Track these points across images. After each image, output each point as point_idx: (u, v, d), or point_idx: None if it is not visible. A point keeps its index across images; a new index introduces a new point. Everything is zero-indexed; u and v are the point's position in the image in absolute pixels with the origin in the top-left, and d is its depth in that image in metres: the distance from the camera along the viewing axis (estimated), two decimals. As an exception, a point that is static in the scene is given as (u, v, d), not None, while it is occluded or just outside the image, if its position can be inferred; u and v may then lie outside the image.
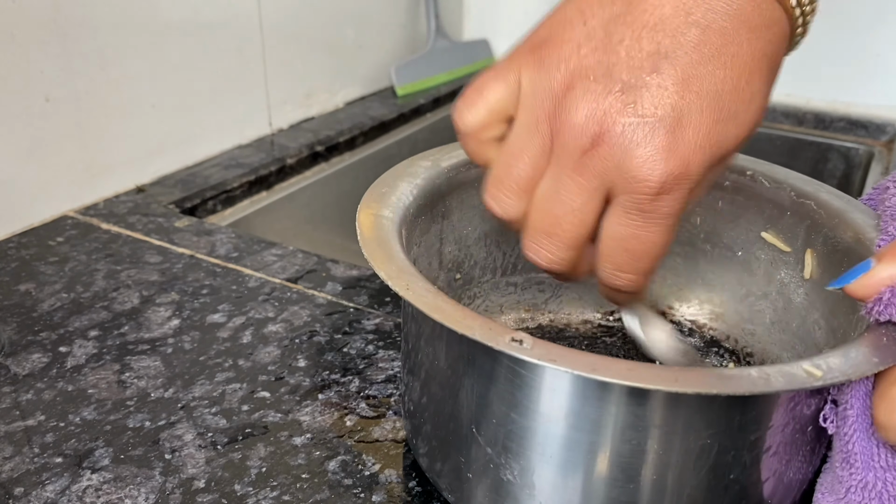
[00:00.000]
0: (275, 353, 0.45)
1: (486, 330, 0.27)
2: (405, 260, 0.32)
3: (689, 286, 0.43)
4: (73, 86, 0.60)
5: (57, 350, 0.45)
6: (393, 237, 0.35)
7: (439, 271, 0.43)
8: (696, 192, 0.29)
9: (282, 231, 0.73)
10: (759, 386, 0.24)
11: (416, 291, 0.30)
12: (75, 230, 0.59)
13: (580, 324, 0.46)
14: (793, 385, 0.25)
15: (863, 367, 0.25)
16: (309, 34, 0.82)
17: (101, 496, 0.35)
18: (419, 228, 0.40)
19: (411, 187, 0.39)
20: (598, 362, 0.25)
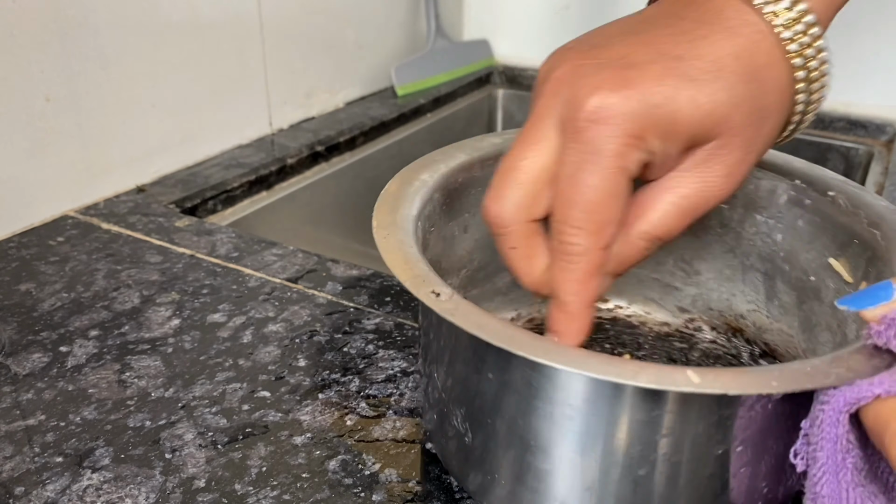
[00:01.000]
0: (275, 353, 0.45)
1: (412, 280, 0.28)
2: (413, 246, 0.32)
3: (767, 305, 0.42)
4: (73, 86, 0.60)
5: (57, 350, 0.45)
6: (413, 200, 0.35)
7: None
8: (647, 152, 0.29)
9: (282, 231, 0.73)
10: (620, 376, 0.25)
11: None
12: (76, 230, 0.59)
13: (656, 325, 0.46)
14: (665, 385, 0.25)
15: (751, 386, 0.25)
16: (309, 34, 0.82)
17: (101, 496, 0.35)
18: (474, 197, 0.40)
19: (469, 158, 0.40)
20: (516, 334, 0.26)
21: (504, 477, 0.31)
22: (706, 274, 0.44)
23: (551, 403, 0.28)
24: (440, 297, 0.29)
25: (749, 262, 0.42)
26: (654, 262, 0.45)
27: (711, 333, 0.44)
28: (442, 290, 0.29)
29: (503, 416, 0.30)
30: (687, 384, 0.25)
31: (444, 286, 0.30)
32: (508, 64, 1.08)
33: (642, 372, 0.25)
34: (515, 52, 1.09)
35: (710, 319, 0.45)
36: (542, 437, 0.29)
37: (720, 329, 0.44)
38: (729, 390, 0.25)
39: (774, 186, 0.40)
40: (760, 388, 0.25)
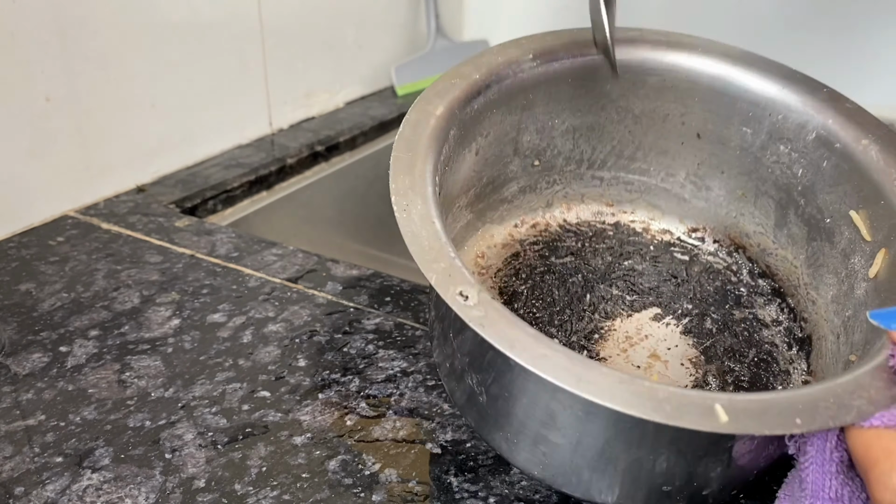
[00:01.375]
0: (275, 353, 0.45)
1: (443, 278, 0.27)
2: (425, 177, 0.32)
3: (775, 231, 0.41)
4: (73, 86, 0.60)
5: (57, 350, 0.45)
6: (430, 148, 0.34)
7: (513, 157, 0.42)
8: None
9: (282, 231, 0.73)
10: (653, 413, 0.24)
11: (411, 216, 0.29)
12: (75, 230, 0.59)
13: (659, 232, 0.45)
14: (691, 424, 0.24)
15: (777, 426, 0.25)
16: (309, 34, 0.82)
17: (101, 495, 0.35)
18: (488, 121, 0.39)
19: (484, 79, 0.38)
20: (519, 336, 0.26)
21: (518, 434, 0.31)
22: (717, 191, 0.43)
23: (571, 423, 0.28)
24: (467, 300, 0.28)
25: (764, 188, 0.41)
26: (665, 173, 0.44)
27: (713, 245, 0.44)
28: (469, 291, 0.28)
29: (521, 401, 0.30)
30: (713, 424, 0.24)
31: (470, 283, 0.28)
32: (508, 64, 1.08)
33: (668, 402, 0.25)
34: (515, 52, 1.09)
35: (714, 232, 0.44)
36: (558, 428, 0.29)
37: (723, 242, 0.44)
38: (755, 431, 0.25)
39: (805, 121, 0.39)
40: (785, 429, 0.25)
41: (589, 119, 0.43)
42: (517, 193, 0.44)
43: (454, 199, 0.40)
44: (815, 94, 0.40)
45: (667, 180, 0.45)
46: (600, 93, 0.42)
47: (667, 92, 0.42)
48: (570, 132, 0.43)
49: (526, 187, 0.44)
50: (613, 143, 0.44)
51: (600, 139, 0.44)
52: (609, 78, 0.42)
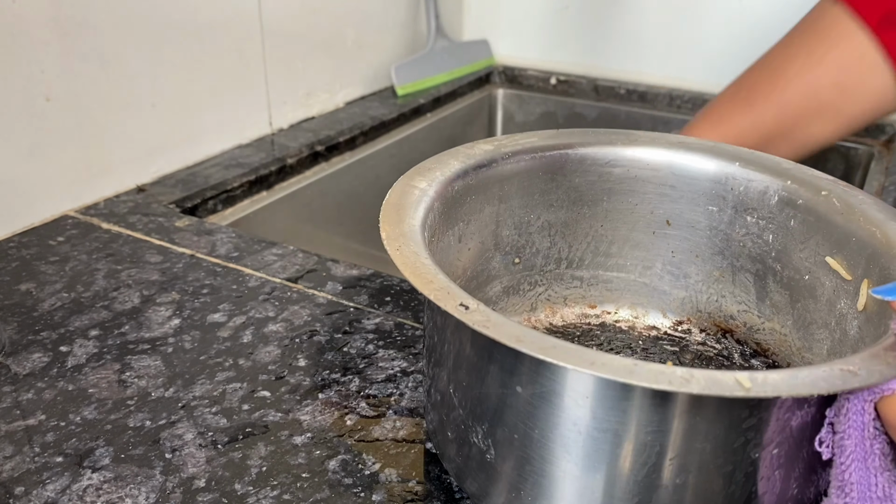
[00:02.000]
0: (275, 353, 0.45)
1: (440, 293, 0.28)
2: (417, 232, 0.33)
3: (758, 305, 0.42)
4: (73, 86, 0.60)
5: (57, 349, 0.45)
6: (416, 209, 0.36)
7: (494, 252, 0.43)
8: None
9: (282, 231, 0.73)
10: (677, 385, 0.25)
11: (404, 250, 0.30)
12: (76, 230, 0.59)
13: (645, 329, 0.46)
14: (714, 391, 0.24)
15: (803, 389, 0.25)
16: (309, 34, 0.82)
17: (101, 495, 0.35)
18: (468, 206, 0.40)
19: (463, 166, 0.40)
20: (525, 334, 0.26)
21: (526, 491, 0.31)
22: (695, 277, 0.44)
23: (594, 418, 0.28)
24: (468, 309, 0.29)
25: (739, 264, 0.42)
26: (641, 266, 0.46)
27: (701, 335, 0.45)
28: (469, 303, 0.29)
29: (524, 427, 0.30)
30: (737, 389, 0.25)
31: (469, 298, 0.29)
32: (508, 64, 1.08)
33: (693, 380, 0.25)
34: (515, 52, 1.09)
35: (699, 321, 0.45)
36: (583, 453, 0.29)
37: (710, 331, 0.45)
38: (781, 392, 0.25)
39: (766, 187, 0.41)
40: (811, 390, 0.25)
41: (562, 215, 0.45)
42: (501, 295, 0.45)
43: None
44: (768, 162, 0.42)
45: (644, 274, 0.46)
46: (569, 186, 0.44)
47: (632, 182, 0.44)
48: (546, 228, 0.44)
49: (509, 288, 0.45)
50: (588, 239, 0.45)
51: (575, 236, 0.45)
52: (577, 172, 0.44)
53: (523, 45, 1.08)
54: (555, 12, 1.04)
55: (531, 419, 0.30)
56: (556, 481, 0.30)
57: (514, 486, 0.31)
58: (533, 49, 1.07)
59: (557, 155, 0.43)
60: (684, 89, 0.97)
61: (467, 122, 1.02)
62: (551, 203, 0.44)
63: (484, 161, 0.41)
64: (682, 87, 0.98)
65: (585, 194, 0.44)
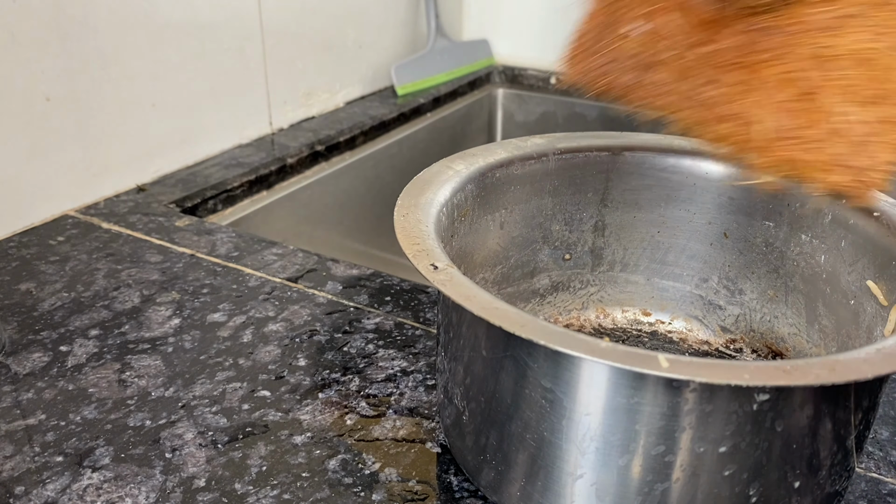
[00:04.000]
0: (275, 353, 0.45)
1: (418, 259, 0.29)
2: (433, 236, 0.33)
3: (807, 329, 0.41)
4: (73, 86, 0.60)
5: (57, 349, 0.45)
6: (443, 187, 0.37)
7: (542, 244, 0.44)
8: None
9: (282, 230, 0.73)
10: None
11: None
12: (76, 229, 0.59)
13: (697, 343, 0.45)
14: (632, 364, 0.25)
15: (716, 378, 0.24)
16: (309, 34, 0.82)
17: (101, 495, 0.35)
18: (512, 195, 0.41)
19: (509, 155, 0.41)
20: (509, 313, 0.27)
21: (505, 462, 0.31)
22: (749, 294, 0.44)
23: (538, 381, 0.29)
24: (437, 269, 0.30)
25: (792, 284, 0.41)
26: (698, 278, 0.45)
27: (752, 356, 0.44)
28: (441, 264, 0.30)
29: (498, 397, 0.31)
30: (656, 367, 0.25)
31: (446, 261, 0.30)
32: (508, 64, 1.08)
33: (613, 352, 0.25)
34: (515, 52, 1.09)
35: (752, 341, 0.44)
36: (538, 424, 0.30)
37: (761, 352, 0.43)
38: (695, 377, 0.25)
39: (819, 206, 0.39)
40: (726, 380, 0.25)
41: (617, 217, 0.44)
42: (550, 289, 0.45)
43: (476, 266, 0.41)
44: None
45: (701, 286, 0.45)
46: (625, 189, 0.44)
47: (691, 190, 0.44)
48: (599, 228, 0.45)
49: (559, 283, 0.45)
50: (644, 244, 0.45)
51: (631, 239, 0.45)
52: (634, 175, 0.43)
53: (523, 45, 1.08)
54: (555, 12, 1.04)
55: (499, 386, 0.30)
56: (514, 438, 0.30)
57: (481, 445, 0.32)
58: (533, 49, 1.07)
59: (613, 157, 0.43)
60: (684, 89, 0.97)
61: (467, 122, 1.02)
62: (605, 203, 0.44)
63: (534, 154, 0.41)
64: (682, 86, 0.98)
65: (642, 198, 0.44)
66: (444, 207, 0.36)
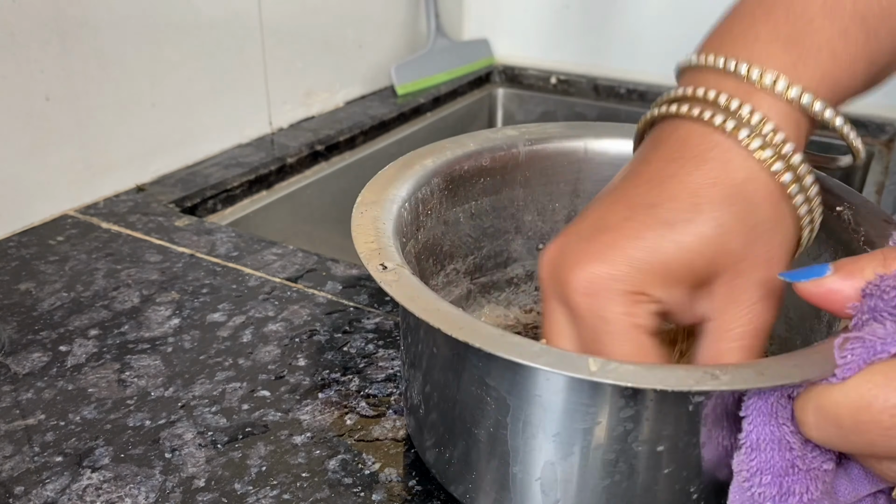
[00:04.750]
0: (275, 353, 0.45)
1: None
2: (390, 240, 0.33)
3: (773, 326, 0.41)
4: (73, 85, 0.60)
5: (57, 349, 0.45)
6: (407, 182, 0.37)
7: (515, 234, 0.44)
8: (655, 302, 0.29)
9: (282, 230, 0.73)
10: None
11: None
12: (75, 229, 0.59)
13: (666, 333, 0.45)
14: (562, 368, 0.25)
15: (646, 383, 0.24)
16: (309, 34, 0.82)
17: (101, 495, 0.35)
18: (482, 186, 0.41)
19: (479, 147, 0.41)
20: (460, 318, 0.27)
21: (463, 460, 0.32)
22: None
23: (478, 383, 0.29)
24: (386, 269, 0.30)
25: None
26: None
27: None
28: (391, 264, 0.30)
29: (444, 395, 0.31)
30: (584, 370, 0.25)
31: (398, 261, 0.30)
32: (508, 63, 1.08)
33: (545, 355, 0.25)
34: (515, 52, 1.09)
35: None
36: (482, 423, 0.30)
37: None
38: (626, 382, 0.25)
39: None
40: (653, 384, 0.25)
41: None
42: (524, 278, 0.45)
43: (446, 256, 0.41)
44: None
45: None
46: (597, 179, 0.43)
47: None
48: (572, 219, 0.44)
49: (533, 273, 0.45)
50: None
51: None
52: (605, 165, 0.43)
53: (523, 45, 1.08)
54: (555, 12, 1.04)
55: (450, 383, 0.31)
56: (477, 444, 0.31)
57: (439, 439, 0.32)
58: (533, 48, 1.07)
59: (585, 147, 0.43)
60: (684, 89, 0.97)
61: (467, 122, 1.02)
62: (578, 194, 0.44)
63: (504, 145, 0.41)
64: (682, 86, 0.98)
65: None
66: (406, 203, 0.36)
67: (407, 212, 0.36)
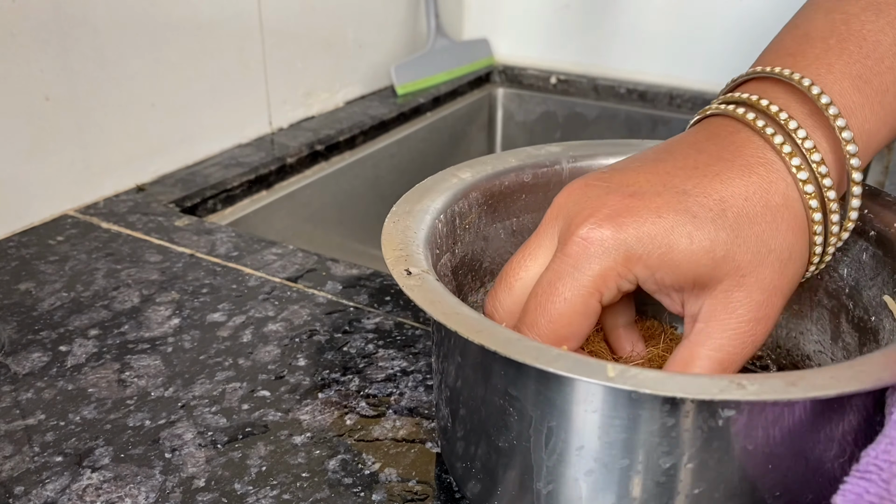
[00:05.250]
0: (275, 352, 0.45)
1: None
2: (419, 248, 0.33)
3: (832, 347, 0.39)
4: (72, 85, 0.60)
5: (57, 349, 0.45)
6: (443, 194, 0.37)
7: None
8: (629, 282, 0.30)
9: (282, 230, 0.73)
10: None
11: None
12: (75, 229, 0.59)
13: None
14: (583, 375, 0.25)
15: (667, 391, 0.24)
16: (309, 34, 0.82)
17: (101, 495, 0.35)
18: (524, 203, 0.41)
19: (520, 163, 0.41)
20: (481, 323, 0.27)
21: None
22: None
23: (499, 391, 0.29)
24: (410, 274, 0.29)
25: (817, 298, 0.40)
26: None
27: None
28: (415, 270, 0.30)
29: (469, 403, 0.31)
30: (602, 375, 0.25)
31: (424, 268, 0.30)
32: (508, 63, 1.08)
33: (563, 358, 0.25)
34: (515, 52, 1.09)
35: (778, 358, 0.42)
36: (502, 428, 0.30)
37: (788, 369, 0.41)
38: (645, 388, 0.24)
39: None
40: (676, 392, 0.24)
41: None
42: None
43: (487, 272, 0.41)
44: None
45: None
46: None
47: None
48: None
49: None
50: None
51: None
52: None
53: (523, 45, 1.08)
54: (555, 11, 1.04)
55: (475, 393, 0.30)
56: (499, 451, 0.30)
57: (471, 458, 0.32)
58: (533, 48, 1.07)
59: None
60: (684, 88, 0.97)
61: (467, 122, 1.02)
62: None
63: (547, 161, 0.41)
64: (682, 86, 0.98)
65: None
66: (441, 215, 0.36)
67: (442, 224, 0.36)
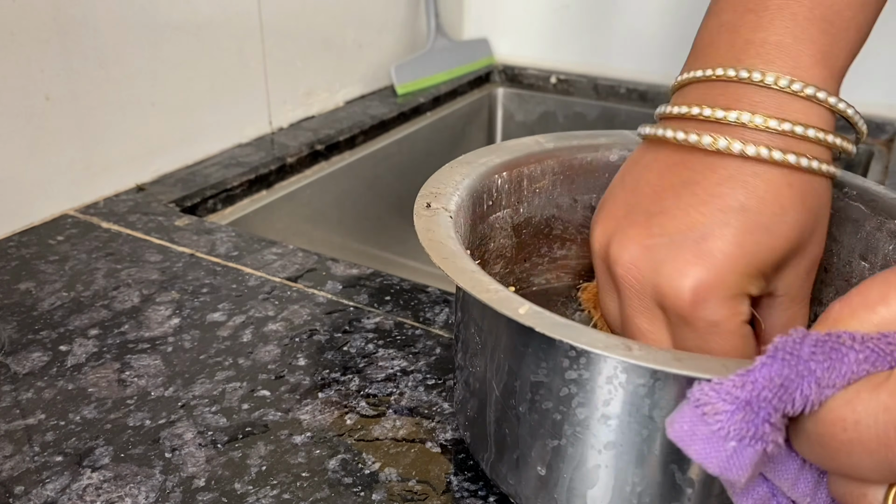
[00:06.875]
0: (275, 352, 0.45)
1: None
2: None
3: None
4: (72, 85, 0.60)
5: (57, 349, 0.45)
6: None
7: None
8: (749, 296, 0.31)
9: (282, 230, 0.73)
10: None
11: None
12: (75, 229, 0.59)
13: None
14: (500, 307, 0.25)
15: (566, 336, 0.25)
16: (309, 34, 0.82)
17: (101, 494, 0.35)
18: (607, 183, 0.40)
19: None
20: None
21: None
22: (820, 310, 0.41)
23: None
24: (429, 207, 0.30)
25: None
26: None
27: None
28: (437, 205, 0.30)
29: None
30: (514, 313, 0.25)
31: (448, 204, 0.30)
32: (508, 63, 1.08)
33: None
34: (515, 51, 1.09)
35: None
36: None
37: None
38: (545, 331, 0.25)
39: (893, 233, 0.36)
40: (568, 338, 0.25)
41: None
42: None
43: (557, 239, 0.41)
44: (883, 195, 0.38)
45: None
46: None
47: None
48: None
49: None
50: None
51: None
52: None
53: (523, 44, 1.08)
54: (555, 11, 1.04)
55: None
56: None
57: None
58: (533, 48, 1.07)
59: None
60: (684, 88, 0.97)
61: (467, 122, 1.02)
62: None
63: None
64: (682, 86, 0.98)
65: None
66: (504, 172, 0.36)
67: (503, 181, 0.36)
